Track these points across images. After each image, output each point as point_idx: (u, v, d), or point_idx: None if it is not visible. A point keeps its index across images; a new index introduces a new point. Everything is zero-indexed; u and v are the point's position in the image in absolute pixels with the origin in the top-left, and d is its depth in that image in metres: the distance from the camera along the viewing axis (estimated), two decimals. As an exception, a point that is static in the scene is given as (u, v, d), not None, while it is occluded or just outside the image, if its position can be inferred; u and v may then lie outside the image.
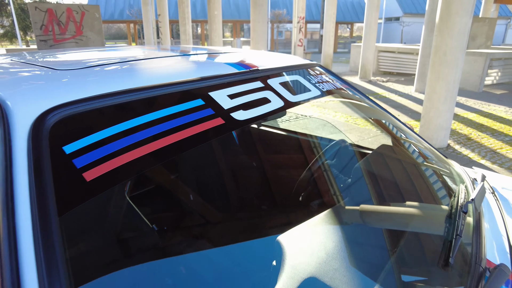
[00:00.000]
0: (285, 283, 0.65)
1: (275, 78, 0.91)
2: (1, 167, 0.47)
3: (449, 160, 1.17)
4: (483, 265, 0.68)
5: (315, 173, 1.08)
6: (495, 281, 0.62)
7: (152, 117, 0.62)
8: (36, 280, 0.39)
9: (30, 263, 0.40)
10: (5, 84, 0.62)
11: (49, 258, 0.41)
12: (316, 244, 0.78)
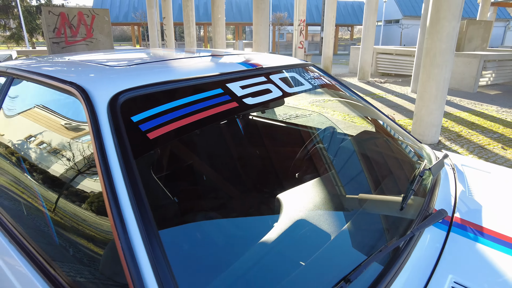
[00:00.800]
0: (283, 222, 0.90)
1: (276, 74, 1.15)
2: (95, 131, 0.72)
3: (422, 144, 1.41)
4: (429, 211, 0.92)
5: (309, 151, 1.33)
6: (433, 218, 0.87)
7: (188, 100, 0.87)
8: (133, 218, 0.60)
9: (124, 197, 0.62)
10: (82, 77, 0.87)
11: (137, 193, 0.63)
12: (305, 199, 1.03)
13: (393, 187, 1.08)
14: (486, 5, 13.15)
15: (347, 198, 1.04)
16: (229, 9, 22.03)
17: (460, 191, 1.08)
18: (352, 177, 1.14)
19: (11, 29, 23.39)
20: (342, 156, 1.28)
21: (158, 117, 0.79)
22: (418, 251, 0.77)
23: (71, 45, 6.14)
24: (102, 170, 0.66)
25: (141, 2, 22.55)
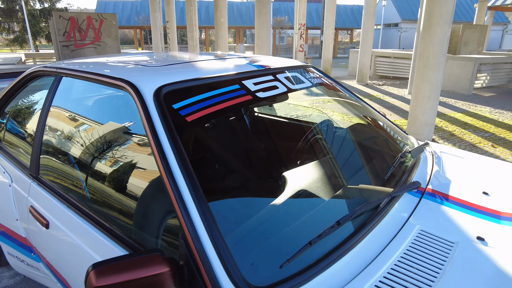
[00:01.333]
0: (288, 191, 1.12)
1: (281, 74, 1.38)
2: (146, 116, 0.93)
3: (408, 135, 1.63)
4: (407, 182, 1.14)
5: (309, 141, 1.55)
6: (409, 186, 1.09)
7: (213, 93, 1.09)
8: (182, 177, 0.81)
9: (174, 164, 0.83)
10: (130, 74, 1.09)
11: (184, 160, 0.85)
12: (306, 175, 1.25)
13: (381, 165, 1.30)
14: (483, 9, 13.43)
15: (343, 171, 1.26)
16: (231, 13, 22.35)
17: (435, 170, 1.30)
18: (347, 158, 1.36)
19: (14, 32, 23.70)
20: (337, 143, 1.50)
21: (192, 105, 1.01)
22: (395, 209, 0.99)
23: (80, 48, 6.38)
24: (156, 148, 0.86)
25: (143, 6, 22.88)
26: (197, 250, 0.70)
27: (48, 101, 1.36)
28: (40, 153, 1.33)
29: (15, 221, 1.45)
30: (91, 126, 1.27)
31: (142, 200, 0.99)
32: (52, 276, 1.41)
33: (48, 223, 1.18)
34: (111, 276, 0.65)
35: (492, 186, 1.19)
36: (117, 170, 1.11)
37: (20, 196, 1.38)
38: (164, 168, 0.82)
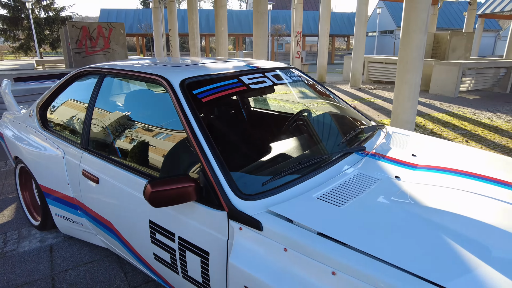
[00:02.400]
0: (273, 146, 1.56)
1: (269, 72, 1.83)
2: (175, 99, 1.39)
3: (371, 121, 2.08)
4: (359, 149, 1.59)
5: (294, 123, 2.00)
6: (356, 148, 1.54)
7: (219, 84, 1.55)
8: (203, 139, 1.26)
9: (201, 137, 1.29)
10: (161, 71, 1.55)
11: (201, 126, 1.30)
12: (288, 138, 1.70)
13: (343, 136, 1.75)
14: (471, 17, 14.03)
15: (317, 139, 1.72)
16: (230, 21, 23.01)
17: (382, 141, 1.75)
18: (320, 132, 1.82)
19: (19, 40, 24.32)
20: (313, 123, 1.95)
21: (205, 91, 1.47)
22: (345, 160, 1.43)
23: (91, 55, 6.87)
24: (184, 119, 1.32)
25: (145, 14, 23.55)
26: (212, 176, 1.15)
27: (95, 93, 1.82)
28: (89, 131, 1.78)
29: (66, 185, 1.90)
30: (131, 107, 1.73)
31: (171, 152, 1.44)
32: (93, 226, 1.85)
33: (98, 179, 1.63)
34: (160, 186, 1.09)
35: (421, 151, 1.64)
36: (153, 134, 1.57)
37: (72, 165, 1.82)
38: (190, 131, 1.27)
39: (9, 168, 3.59)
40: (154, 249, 1.39)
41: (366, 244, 0.91)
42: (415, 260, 0.86)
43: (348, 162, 1.44)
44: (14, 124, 2.46)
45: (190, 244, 1.21)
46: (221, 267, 1.11)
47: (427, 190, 1.23)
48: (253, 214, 1.06)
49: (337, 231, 0.97)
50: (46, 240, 2.27)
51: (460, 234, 0.97)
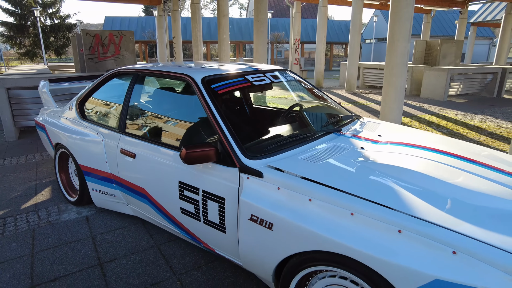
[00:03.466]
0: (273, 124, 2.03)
1: (268, 73, 2.31)
2: (199, 92, 1.86)
3: (352, 113, 2.54)
4: (336, 130, 2.05)
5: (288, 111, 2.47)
6: (333, 130, 2.00)
7: (230, 81, 2.02)
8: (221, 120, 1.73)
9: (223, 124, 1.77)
10: (187, 71, 2.03)
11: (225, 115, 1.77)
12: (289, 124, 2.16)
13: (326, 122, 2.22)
14: (462, 25, 14.63)
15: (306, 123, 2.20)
16: (231, 29, 23.68)
17: (356, 127, 2.21)
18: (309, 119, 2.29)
19: (25, 47, 24.95)
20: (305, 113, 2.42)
21: (220, 86, 1.94)
22: (325, 138, 1.90)
23: (102, 61, 7.37)
24: (206, 105, 1.79)
25: (148, 22, 24.23)
26: (227, 144, 1.62)
27: (130, 88, 2.29)
28: (126, 118, 2.25)
29: (104, 163, 2.36)
30: (162, 100, 2.21)
31: (191, 130, 1.91)
32: (126, 196, 2.30)
33: (135, 154, 2.09)
34: (192, 149, 1.55)
35: (385, 133, 2.11)
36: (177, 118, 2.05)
37: (111, 145, 2.28)
38: (210, 114, 1.74)
39: (38, 160, 4.04)
40: (181, 204, 1.85)
41: (331, 182, 1.37)
42: (365, 190, 1.32)
43: (326, 139, 1.91)
44: (55, 117, 2.93)
45: (211, 194, 1.67)
46: (234, 207, 1.57)
47: (381, 154, 1.70)
48: (257, 167, 1.53)
49: (313, 175, 1.43)
50: (82, 213, 2.72)
51: (397, 177, 1.44)
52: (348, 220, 1.23)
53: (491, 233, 1.11)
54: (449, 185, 1.42)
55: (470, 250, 1.04)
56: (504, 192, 1.40)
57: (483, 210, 1.25)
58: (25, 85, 4.90)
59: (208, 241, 1.83)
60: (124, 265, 2.04)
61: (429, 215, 1.18)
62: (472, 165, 1.65)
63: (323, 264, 1.28)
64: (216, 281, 1.90)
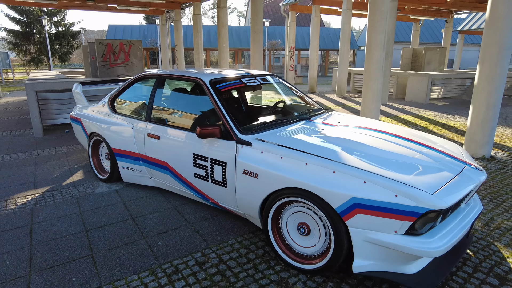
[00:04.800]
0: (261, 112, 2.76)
1: (258, 77, 3.05)
2: (208, 91, 2.60)
3: (325, 108, 3.28)
4: (306, 118, 2.79)
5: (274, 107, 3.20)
6: (304, 118, 2.74)
7: (230, 82, 2.77)
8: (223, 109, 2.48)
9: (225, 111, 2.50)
10: (198, 75, 2.78)
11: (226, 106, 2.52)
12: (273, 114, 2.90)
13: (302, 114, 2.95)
14: (448, 33, 15.52)
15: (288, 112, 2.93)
16: (230, 36, 24.59)
17: (323, 116, 2.94)
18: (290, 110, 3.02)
19: (31, 54, 25.76)
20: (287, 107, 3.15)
21: (223, 86, 2.68)
22: (299, 123, 2.63)
23: (113, 67, 8.12)
24: (213, 99, 2.53)
25: (149, 30, 25.12)
26: (229, 125, 2.35)
27: (154, 88, 3.02)
28: (152, 110, 2.98)
29: (133, 145, 3.08)
30: (179, 96, 2.95)
31: (201, 117, 2.65)
32: (150, 170, 3.02)
33: (159, 137, 2.81)
34: (204, 128, 2.27)
35: (343, 120, 2.84)
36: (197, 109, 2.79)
37: (139, 131, 3.01)
38: (216, 105, 2.48)
39: (66, 151, 4.75)
40: (195, 170, 2.57)
41: (295, 146, 2.10)
42: (315, 150, 2.04)
43: (298, 123, 2.64)
44: (89, 112, 3.65)
45: (216, 160, 2.39)
46: (232, 168, 2.29)
47: (332, 132, 2.43)
48: (248, 140, 2.25)
49: (284, 143, 2.16)
50: (111, 187, 3.43)
51: (338, 143, 2.16)
52: (303, 167, 1.96)
53: (389, 172, 1.83)
54: (372, 148, 2.15)
55: (374, 180, 1.76)
56: (411, 153, 2.13)
57: (389, 161, 1.98)
58: (51, 89, 5.63)
59: (214, 196, 2.55)
60: (150, 219, 2.75)
61: (351, 162, 1.90)
62: (400, 140, 2.38)
63: (289, 196, 2.00)
64: (219, 227, 2.61)
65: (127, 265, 2.14)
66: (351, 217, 1.76)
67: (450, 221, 1.89)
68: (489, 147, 4.50)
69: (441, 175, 1.91)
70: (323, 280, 1.98)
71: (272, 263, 2.15)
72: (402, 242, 1.68)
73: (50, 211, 2.90)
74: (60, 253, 2.28)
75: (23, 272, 2.07)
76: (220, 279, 2.00)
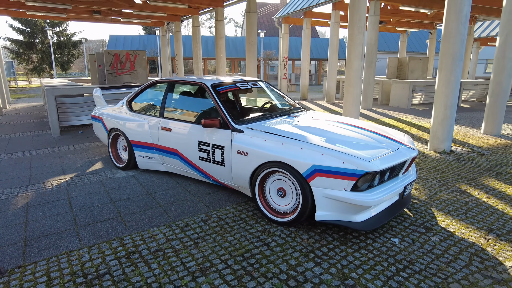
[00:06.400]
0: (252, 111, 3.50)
1: (249, 82, 3.80)
2: (209, 92, 3.34)
3: (303, 108, 4.02)
4: (287, 114, 3.54)
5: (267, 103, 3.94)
6: (286, 114, 3.49)
7: (227, 86, 3.51)
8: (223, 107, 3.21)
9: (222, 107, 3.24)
10: (202, 80, 3.52)
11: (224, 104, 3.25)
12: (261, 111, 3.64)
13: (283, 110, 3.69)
14: (432, 44, 16.51)
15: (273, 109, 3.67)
16: (227, 46, 25.56)
17: (301, 114, 3.68)
18: (275, 108, 3.76)
19: (33, 63, 26.49)
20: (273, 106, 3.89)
21: (221, 88, 3.42)
22: (282, 117, 3.37)
23: (120, 75, 8.87)
24: (213, 98, 3.27)
25: (149, 40, 26.01)
26: (226, 118, 3.08)
27: (166, 90, 3.76)
28: (165, 108, 3.71)
29: (148, 137, 3.79)
30: (186, 97, 3.69)
31: (206, 112, 3.38)
32: (161, 157, 3.73)
33: (171, 129, 3.53)
34: (207, 120, 3.01)
35: (316, 116, 3.57)
36: (201, 107, 3.53)
37: (154, 125, 3.72)
38: (216, 103, 3.21)
39: (83, 148, 5.44)
40: (200, 154, 3.28)
41: (276, 132, 2.83)
42: (290, 134, 2.77)
43: (280, 117, 3.38)
44: (109, 111, 4.37)
45: (216, 145, 3.11)
46: (228, 150, 3.00)
47: (306, 123, 3.17)
48: (240, 128, 2.98)
49: (268, 130, 2.89)
50: (128, 173, 4.12)
51: (307, 130, 2.90)
52: (281, 146, 2.68)
53: (340, 147, 2.56)
54: (331, 132, 2.88)
55: (329, 153, 2.48)
56: (360, 136, 2.87)
57: (342, 141, 2.70)
58: (68, 94, 6.35)
59: (215, 174, 3.26)
60: (163, 194, 3.45)
61: (314, 142, 2.63)
62: (356, 128, 3.12)
63: (270, 167, 2.72)
64: (219, 198, 3.31)
65: (148, 222, 2.83)
66: (313, 179, 2.48)
67: (387, 184, 2.62)
68: (448, 143, 5.26)
69: (379, 150, 2.65)
70: (295, 229, 2.69)
71: (259, 220, 2.85)
72: (349, 196, 2.39)
73: (81, 189, 3.59)
74: (96, 215, 2.97)
75: (71, 226, 2.76)
76: (219, 230, 2.70)
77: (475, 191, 3.58)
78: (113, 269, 2.18)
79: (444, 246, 2.48)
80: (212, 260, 2.27)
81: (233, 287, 1.99)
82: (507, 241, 2.56)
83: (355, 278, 2.09)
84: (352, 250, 2.42)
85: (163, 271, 2.15)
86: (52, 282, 2.04)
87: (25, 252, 2.38)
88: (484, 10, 12.23)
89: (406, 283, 2.05)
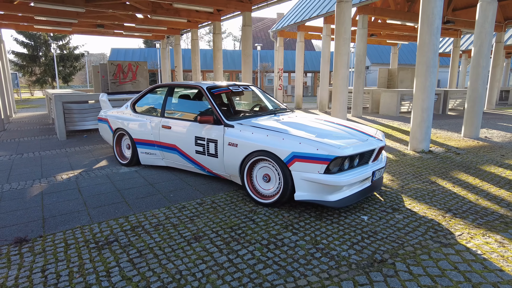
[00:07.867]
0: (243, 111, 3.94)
1: (241, 86, 4.27)
2: (205, 93, 3.80)
3: (290, 109, 4.47)
4: (274, 114, 3.99)
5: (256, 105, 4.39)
6: (274, 114, 3.93)
7: (221, 88, 3.97)
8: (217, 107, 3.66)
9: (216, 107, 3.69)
10: (200, 84, 3.99)
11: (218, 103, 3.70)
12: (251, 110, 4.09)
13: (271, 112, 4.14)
14: (421, 57, 17.19)
15: (262, 109, 4.12)
16: (225, 60, 26.35)
17: (288, 114, 4.13)
18: (265, 108, 4.21)
19: (36, 75, 27.15)
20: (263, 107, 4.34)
21: (215, 90, 3.88)
22: (271, 115, 3.81)
23: (122, 84, 9.36)
24: (208, 99, 3.73)
25: (149, 53, 26.79)
26: (219, 115, 3.52)
27: (167, 93, 4.21)
28: (165, 109, 4.15)
29: (150, 134, 4.22)
30: (184, 99, 4.15)
31: (202, 112, 3.83)
32: (162, 152, 4.15)
33: (170, 127, 3.97)
34: (203, 116, 3.45)
35: (300, 115, 4.02)
36: (197, 108, 3.98)
37: (155, 124, 4.16)
38: (210, 103, 3.66)
39: (89, 149, 5.85)
40: (196, 148, 3.70)
41: (262, 126, 3.27)
42: (274, 127, 3.21)
43: (268, 116, 3.82)
44: (114, 113, 4.81)
45: (211, 139, 3.54)
46: (221, 143, 3.43)
47: (289, 119, 3.61)
48: (231, 124, 3.42)
49: (255, 125, 3.32)
50: (131, 169, 4.53)
51: (289, 124, 3.34)
52: (265, 137, 3.11)
53: (315, 137, 2.99)
54: (309, 126, 3.32)
55: (305, 141, 2.91)
56: (335, 130, 3.31)
57: (318, 133, 3.14)
58: (74, 100, 6.80)
59: (209, 165, 3.67)
60: (163, 184, 3.85)
61: (293, 133, 3.07)
62: (332, 123, 3.56)
63: (257, 156, 3.14)
64: (213, 187, 3.72)
65: (150, 205, 3.22)
66: (292, 164, 2.90)
67: (356, 169, 3.04)
68: (426, 143, 5.71)
69: (350, 140, 3.08)
70: (279, 209, 3.09)
71: (247, 203, 3.25)
72: (322, 178, 2.81)
73: (89, 181, 3.99)
74: (103, 200, 3.36)
75: (82, 208, 3.15)
76: (212, 210, 3.09)
77: (443, 182, 4.00)
78: (120, 238, 2.56)
79: (406, 222, 2.88)
80: (205, 231, 2.67)
81: (222, 249, 2.38)
82: (461, 218, 2.96)
83: (325, 244, 2.48)
84: (325, 224, 2.81)
85: (162, 239, 2.54)
86: (70, 247, 2.43)
87: (44, 226, 2.77)
88: (467, 23, 12.94)
89: (368, 247, 2.44)
